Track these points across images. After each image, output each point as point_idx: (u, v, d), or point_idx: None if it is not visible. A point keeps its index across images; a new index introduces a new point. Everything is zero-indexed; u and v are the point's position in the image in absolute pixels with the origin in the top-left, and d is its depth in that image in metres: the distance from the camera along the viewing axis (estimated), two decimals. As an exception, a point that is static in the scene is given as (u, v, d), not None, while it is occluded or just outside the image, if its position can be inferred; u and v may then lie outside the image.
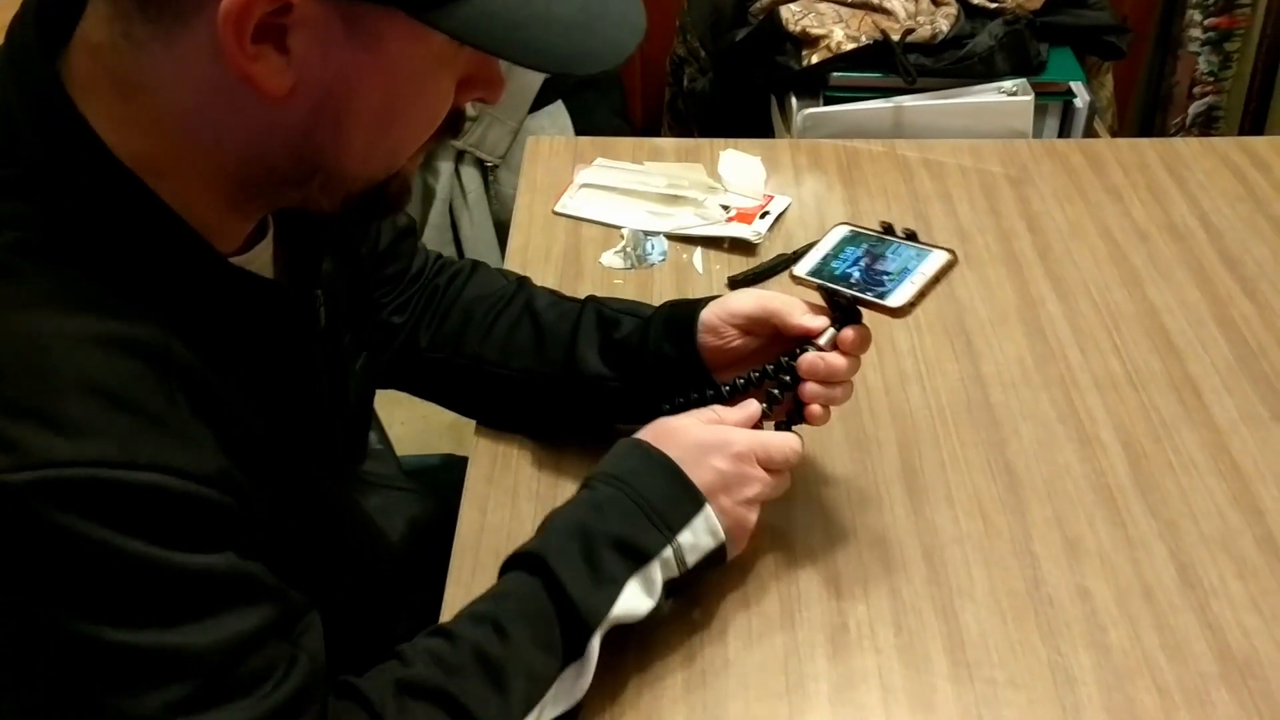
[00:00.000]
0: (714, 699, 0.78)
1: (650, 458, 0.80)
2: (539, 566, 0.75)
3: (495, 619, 0.73)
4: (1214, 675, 0.79)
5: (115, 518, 0.54)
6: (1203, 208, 1.26)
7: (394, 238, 0.96)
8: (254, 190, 0.64)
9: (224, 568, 0.59)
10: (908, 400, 1.01)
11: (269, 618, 0.62)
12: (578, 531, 0.76)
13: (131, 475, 0.55)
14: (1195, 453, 0.96)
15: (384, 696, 0.68)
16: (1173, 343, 1.08)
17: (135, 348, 0.58)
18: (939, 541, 0.89)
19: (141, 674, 0.57)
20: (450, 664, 0.70)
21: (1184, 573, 0.86)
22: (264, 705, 0.60)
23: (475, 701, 0.69)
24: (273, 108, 0.59)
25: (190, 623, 0.58)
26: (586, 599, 0.73)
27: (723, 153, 1.32)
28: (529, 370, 0.94)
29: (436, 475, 1.16)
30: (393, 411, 2.08)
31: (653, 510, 0.77)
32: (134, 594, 0.56)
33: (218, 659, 0.59)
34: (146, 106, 0.60)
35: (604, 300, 0.96)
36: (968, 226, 1.23)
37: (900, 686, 0.79)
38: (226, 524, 0.59)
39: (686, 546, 0.77)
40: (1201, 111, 2.35)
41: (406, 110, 0.64)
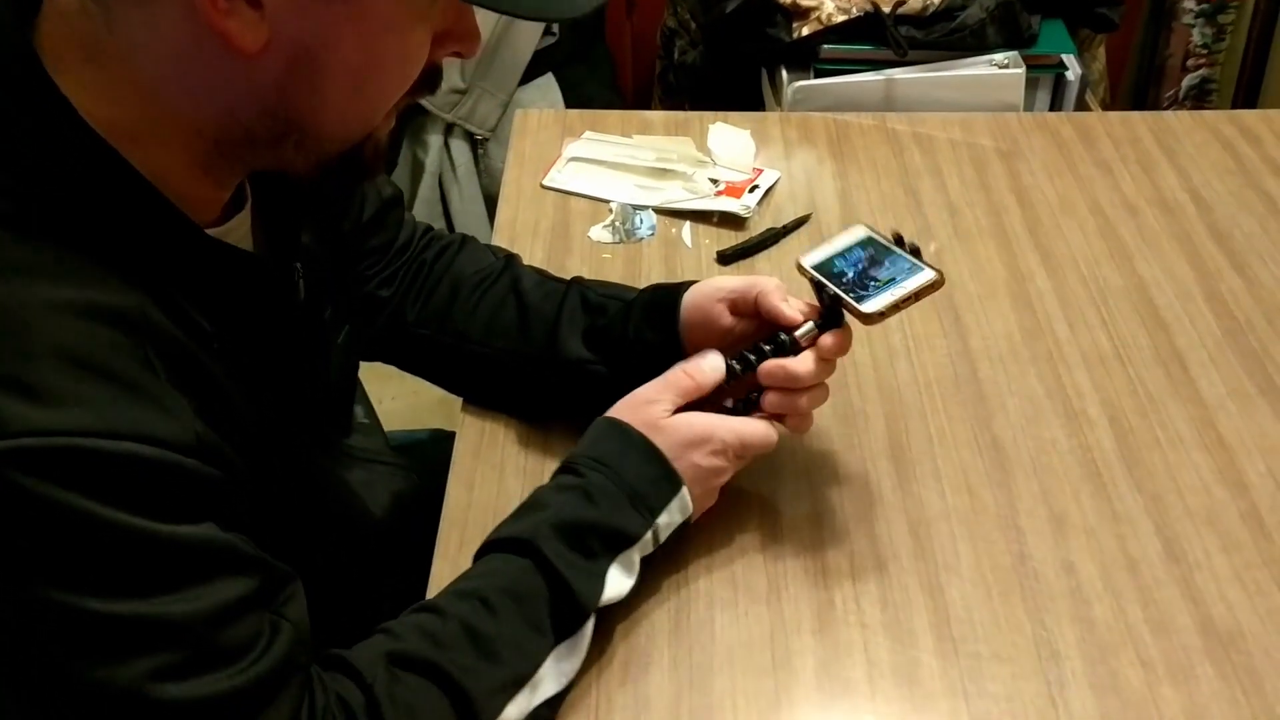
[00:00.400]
0: (700, 675, 0.78)
1: (630, 439, 0.80)
2: (527, 549, 0.75)
3: (483, 595, 0.73)
4: (1198, 649, 0.80)
5: (94, 487, 0.54)
6: (1193, 181, 1.26)
7: (379, 208, 0.95)
8: (229, 154, 0.64)
9: (205, 538, 0.59)
10: (895, 375, 1.01)
11: (251, 588, 0.62)
12: (565, 516, 0.76)
13: (110, 445, 0.55)
14: (1182, 427, 0.96)
15: (374, 668, 0.68)
16: (1160, 317, 1.08)
17: (112, 316, 0.58)
18: (925, 517, 0.89)
19: (121, 643, 0.57)
20: (439, 637, 0.71)
21: (1169, 547, 0.87)
22: (247, 675, 0.60)
23: (465, 673, 0.69)
24: (247, 65, 0.59)
25: (170, 593, 0.58)
26: (580, 583, 0.74)
27: (712, 126, 1.32)
28: (511, 351, 0.94)
29: (425, 451, 1.16)
30: (383, 386, 2.08)
31: (635, 495, 0.78)
32: (113, 563, 0.56)
33: (199, 629, 0.59)
34: (119, 72, 0.59)
35: (588, 283, 0.96)
36: (957, 200, 1.23)
37: (886, 661, 0.79)
38: (207, 494, 0.59)
39: (662, 526, 0.79)
40: (1195, 84, 2.34)
41: (382, 65, 0.63)
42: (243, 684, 0.60)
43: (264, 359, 0.70)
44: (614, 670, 0.78)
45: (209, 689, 0.59)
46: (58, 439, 0.54)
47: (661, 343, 0.87)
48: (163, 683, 0.57)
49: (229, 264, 0.67)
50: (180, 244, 0.63)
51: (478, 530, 0.87)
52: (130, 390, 0.57)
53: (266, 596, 0.64)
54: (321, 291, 0.79)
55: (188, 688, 0.58)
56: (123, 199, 0.60)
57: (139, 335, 0.58)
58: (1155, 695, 0.77)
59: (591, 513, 0.76)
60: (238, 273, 0.67)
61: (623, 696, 0.77)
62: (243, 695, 0.60)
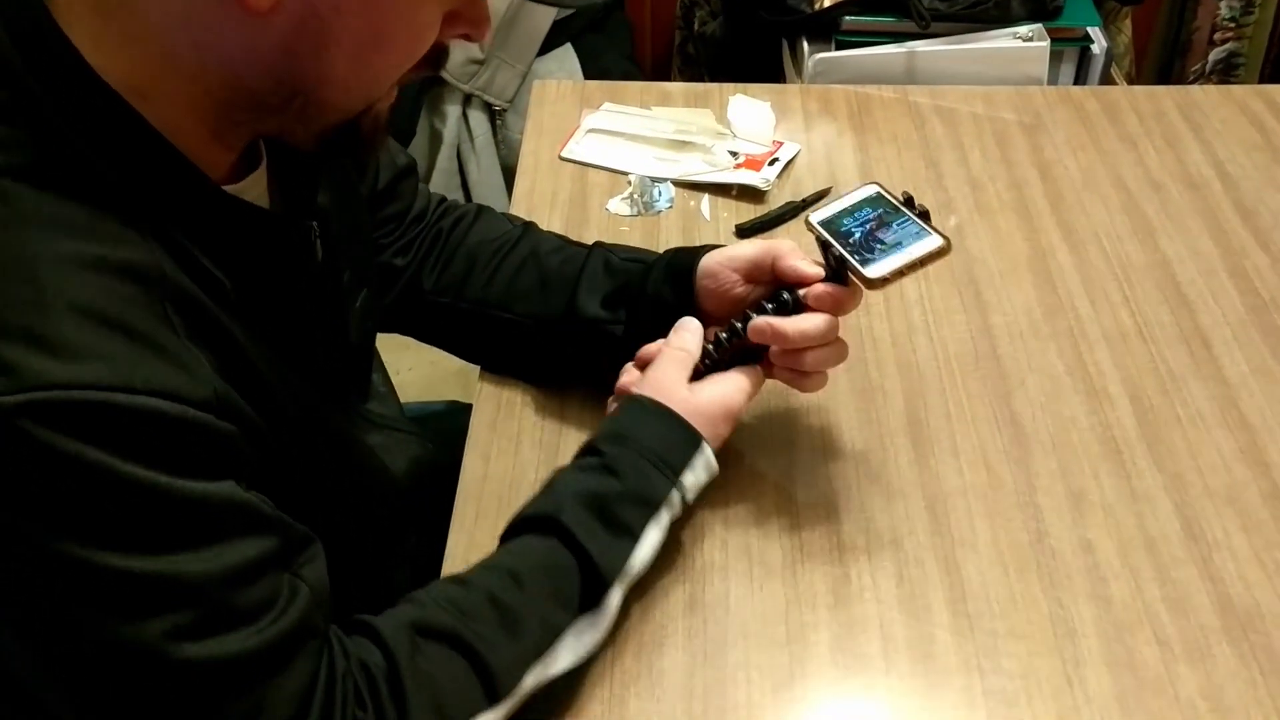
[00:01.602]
0: (714, 648, 0.78)
1: (645, 408, 0.80)
2: (553, 526, 0.75)
3: (511, 569, 0.73)
4: (1215, 628, 0.79)
5: (111, 441, 0.54)
6: (1219, 157, 1.24)
7: (393, 177, 0.95)
8: (235, 117, 0.64)
9: (224, 496, 0.59)
10: (914, 351, 1.00)
11: (269, 548, 0.62)
12: (590, 494, 0.76)
13: (127, 399, 0.54)
14: (1203, 406, 0.96)
15: (397, 634, 0.69)
16: (1184, 294, 1.07)
17: (128, 271, 0.57)
18: (943, 492, 0.88)
19: (139, 601, 0.57)
20: (463, 607, 0.71)
21: (1188, 526, 0.86)
22: (264, 635, 0.60)
23: (486, 645, 0.69)
24: (255, 25, 0.58)
25: (188, 550, 0.57)
26: (604, 554, 0.74)
27: (732, 98, 1.31)
28: (532, 315, 0.93)
29: (441, 422, 1.16)
30: (400, 357, 2.09)
31: (658, 458, 0.78)
32: (130, 519, 0.56)
33: (216, 588, 0.58)
34: (128, 25, 0.59)
35: (611, 247, 0.95)
36: (979, 175, 1.22)
37: (901, 637, 0.79)
38: (225, 451, 0.59)
39: (689, 486, 0.79)
40: (1222, 58, 2.31)
41: (390, 37, 0.63)
42: (259, 644, 0.60)
43: (283, 318, 0.70)
44: (628, 643, 0.79)
45: (226, 649, 0.59)
46: (75, 392, 0.53)
47: (676, 302, 0.87)
48: (179, 641, 0.57)
49: (245, 220, 0.66)
50: (196, 199, 0.63)
51: (494, 502, 0.88)
52: (148, 346, 0.56)
53: (285, 557, 0.64)
54: (339, 254, 0.79)
55: (204, 647, 0.58)
56: (138, 153, 0.60)
57: (157, 291, 0.58)
58: (1172, 674, 0.77)
59: (615, 484, 0.76)
60: (253, 229, 0.67)
61: (637, 669, 0.77)
62: (259, 656, 0.60)
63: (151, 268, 0.58)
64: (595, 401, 0.95)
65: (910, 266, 0.79)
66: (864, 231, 0.81)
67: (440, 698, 0.67)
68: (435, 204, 1.00)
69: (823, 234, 0.81)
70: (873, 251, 0.79)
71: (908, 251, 0.79)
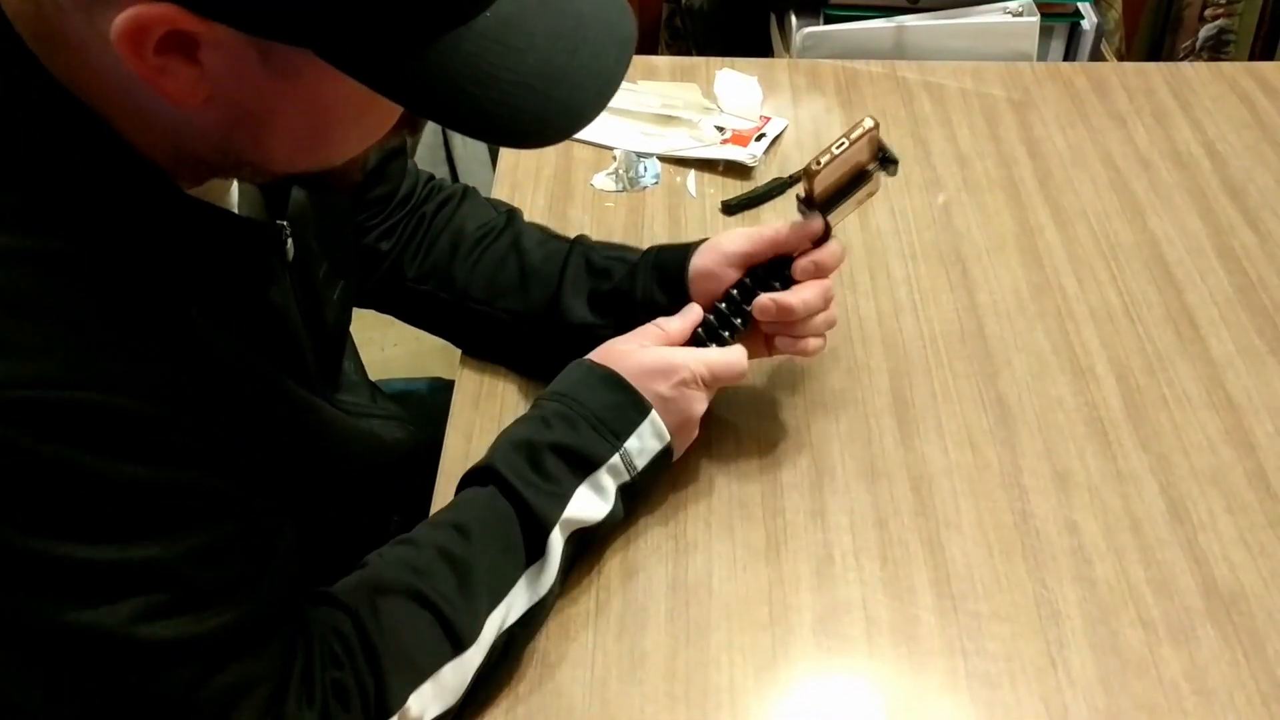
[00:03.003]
0: (697, 629, 0.78)
1: (593, 372, 0.81)
2: (490, 475, 0.76)
3: (456, 522, 0.75)
4: (1199, 610, 0.79)
5: (61, 435, 0.53)
6: (1208, 134, 1.23)
7: (382, 159, 0.93)
8: (189, 164, 0.61)
9: (184, 481, 0.58)
10: (901, 330, 1.00)
11: (236, 530, 0.61)
12: (524, 444, 0.77)
13: (74, 395, 0.53)
14: (1190, 386, 0.95)
15: (356, 597, 0.70)
16: (1171, 273, 1.06)
17: (74, 264, 0.56)
18: (928, 473, 0.88)
19: (103, 587, 0.56)
20: (416, 565, 0.72)
21: (1173, 507, 0.86)
22: (235, 614, 0.60)
23: (442, 597, 0.71)
24: (190, 111, 0.55)
25: (151, 536, 0.57)
26: (538, 500, 0.75)
27: (719, 72, 1.29)
28: (513, 311, 0.93)
29: (423, 400, 1.15)
30: (385, 333, 2.08)
31: (598, 421, 0.78)
32: (89, 508, 0.55)
33: (183, 570, 0.58)
34: (77, 64, 0.55)
35: (591, 245, 0.94)
36: (967, 151, 1.21)
37: (884, 618, 0.79)
38: (180, 438, 0.58)
39: (634, 451, 0.79)
40: (1212, 35, 2.29)
41: (336, 135, 0.59)
42: (233, 621, 0.60)
43: (251, 311, 0.69)
44: (610, 624, 0.78)
45: (196, 628, 0.58)
46: (19, 391, 0.52)
47: (671, 304, 0.87)
48: (148, 623, 0.57)
49: (203, 221, 0.64)
50: (153, 197, 0.60)
51: (475, 481, 0.87)
52: (92, 338, 0.55)
53: (253, 538, 0.63)
54: (315, 249, 0.77)
55: (174, 627, 0.58)
56: (89, 148, 0.58)
57: (103, 283, 0.56)
58: (1155, 656, 0.77)
59: (546, 435, 0.77)
60: (212, 230, 0.65)
61: (618, 649, 0.77)
62: (231, 634, 0.60)
63: (98, 260, 0.57)
64: (578, 380, 0.94)
65: (840, 148, 0.78)
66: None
67: (408, 649, 0.69)
68: (422, 184, 0.98)
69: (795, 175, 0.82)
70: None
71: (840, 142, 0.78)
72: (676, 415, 0.81)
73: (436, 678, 0.69)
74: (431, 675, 0.69)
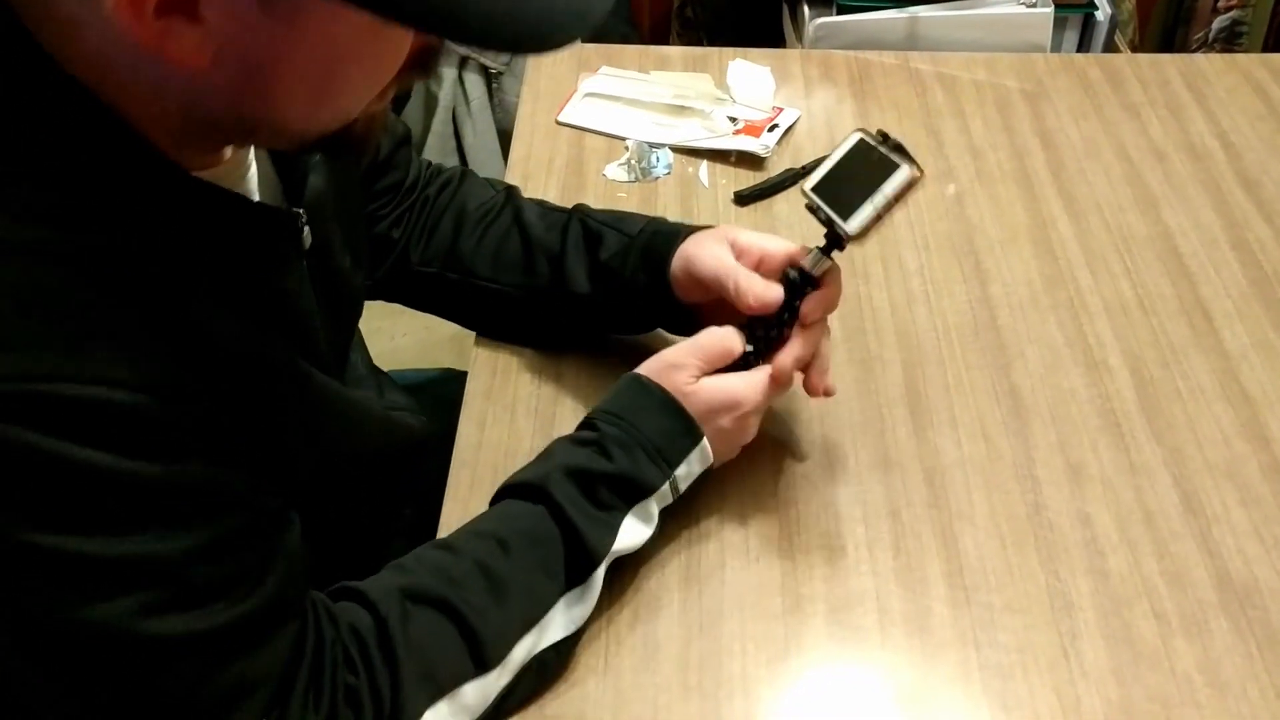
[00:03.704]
0: (710, 619, 0.78)
1: (650, 393, 0.79)
2: (541, 495, 0.74)
3: (499, 536, 0.73)
4: (1212, 603, 0.79)
5: (63, 430, 0.53)
6: (1222, 126, 1.23)
7: (392, 147, 0.93)
8: (201, 134, 0.60)
9: (187, 476, 0.58)
10: (914, 321, 1.00)
11: (241, 523, 0.61)
12: (578, 467, 0.75)
13: (74, 389, 0.53)
14: (1204, 379, 0.95)
15: (387, 599, 0.68)
16: (1185, 266, 1.06)
17: (79, 256, 0.55)
18: (940, 464, 0.88)
19: (106, 582, 0.55)
20: (452, 575, 0.70)
21: (1187, 500, 0.86)
22: (241, 608, 0.60)
23: (475, 612, 0.69)
24: (196, 73, 0.54)
25: (153, 530, 0.56)
26: (591, 530, 0.73)
27: (731, 63, 1.29)
28: (519, 285, 0.93)
29: (435, 390, 1.15)
30: (395, 323, 2.08)
31: (653, 448, 0.77)
32: (90, 502, 0.54)
33: (186, 565, 0.57)
34: (80, 42, 0.55)
35: (589, 212, 0.94)
36: (980, 143, 1.20)
37: (897, 609, 0.79)
38: (183, 433, 0.57)
39: (681, 477, 0.78)
40: (1225, 26, 2.28)
41: (346, 77, 0.58)
42: (237, 618, 0.59)
43: (262, 299, 0.68)
44: (624, 613, 0.78)
45: (200, 624, 0.58)
46: (19, 385, 0.51)
47: (652, 286, 0.86)
48: (151, 618, 0.56)
49: (212, 205, 0.63)
50: (159, 182, 0.59)
51: (488, 470, 0.87)
52: (94, 333, 0.54)
53: (259, 531, 0.63)
54: (332, 239, 0.76)
55: (176, 623, 0.57)
56: (96, 136, 0.57)
57: (108, 275, 0.56)
58: (1169, 648, 0.77)
59: (605, 465, 0.75)
60: (223, 214, 0.64)
61: (632, 639, 0.77)
62: (236, 629, 0.60)
63: (104, 252, 0.56)
64: (591, 370, 0.94)
65: (886, 206, 0.75)
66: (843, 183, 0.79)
67: (430, 662, 0.67)
68: (424, 170, 0.98)
69: (813, 199, 0.79)
70: (853, 202, 0.77)
71: (880, 192, 0.76)
72: (731, 444, 0.81)
73: (456, 695, 0.68)
74: (451, 692, 0.68)
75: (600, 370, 0.93)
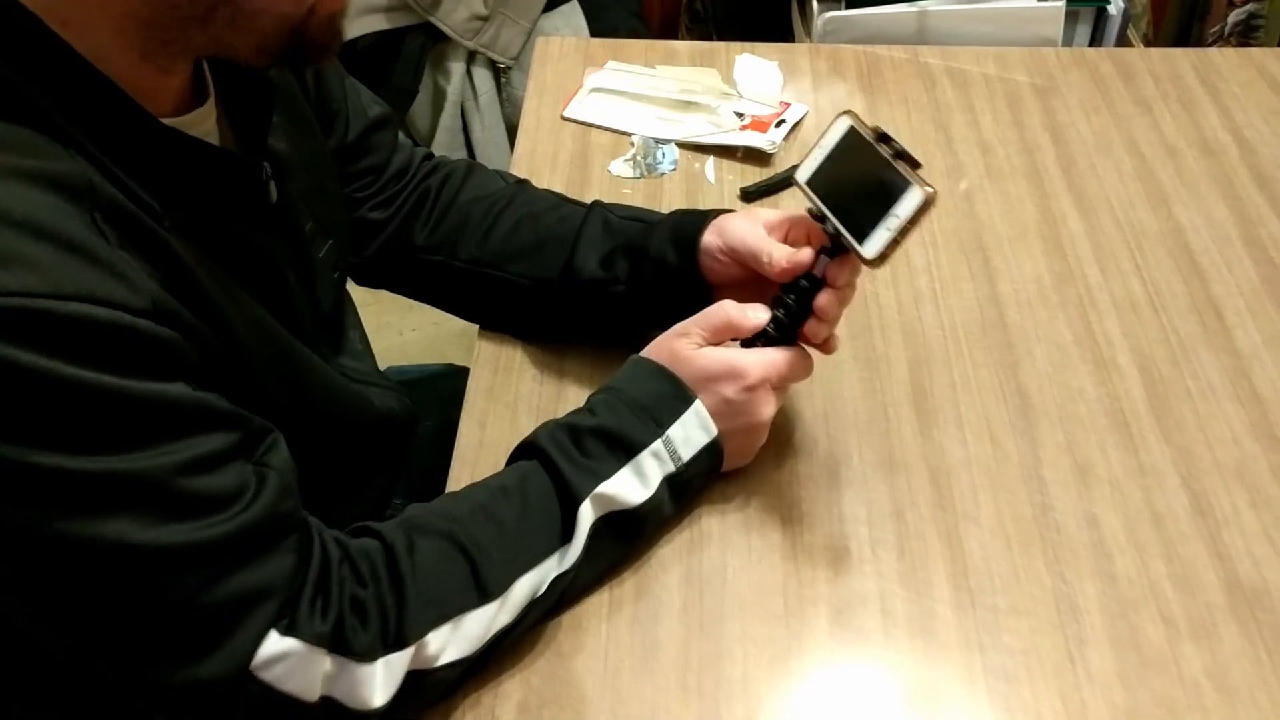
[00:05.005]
0: (710, 620, 0.77)
1: (640, 365, 0.81)
2: (533, 451, 0.77)
3: (500, 485, 0.76)
4: (1222, 606, 0.78)
5: (47, 344, 0.53)
6: (1236, 122, 1.21)
7: (364, 129, 0.93)
8: (163, 35, 0.61)
9: (173, 395, 0.58)
10: (920, 319, 0.98)
11: (229, 441, 0.62)
12: (566, 426, 0.78)
13: (58, 305, 0.53)
14: (1214, 378, 0.94)
15: (394, 531, 0.71)
16: (1196, 263, 1.04)
17: (57, 183, 0.56)
18: (946, 465, 0.87)
19: (100, 498, 0.56)
20: (454, 514, 0.73)
21: (1196, 501, 0.84)
22: (239, 520, 0.60)
23: (477, 545, 0.71)
24: None
25: (143, 447, 0.57)
26: (573, 474, 0.75)
27: (738, 57, 1.28)
28: (529, 275, 0.92)
29: (435, 385, 1.14)
30: (403, 318, 2.08)
31: (639, 407, 0.78)
32: (79, 419, 0.55)
33: (178, 480, 0.58)
34: None
35: (610, 206, 0.94)
36: (990, 138, 1.19)
37: (901, 611, 0.78)
38: (166, 355, 0.58)
39: (678, 440, 0.78)
40: (1241, 20, 2.26)
41: None
42: (237, 528, 0.60)
43: (238, 253, 0.69)
44: (623, 614, 0.77)
45: (195, 536, 0.58)
46: (5, 300, 0.52)
47: (680, 267, 0.86)
48: (150, 530, 0.57)
49: (182, 152, 0.64)
50: (128, 128, 0.61)
51: (489, 468, 0.86)
52: (78, 253, 0.55)
53: (246, 448, 0.64)
54: (299, 200, 0.77)
55: (172, 533, 0.58)
56: (65, 80, 0.58)
57: (88, 203, 0.57)
58: (1176, 653, 0.75)
59: (589, 420, 0.77)
60: (192, 162, 0.65)
61: (631, 641, 0.76)
62: (239, 538, 0.60)
63: (81, 180, 0.57)
64: (594, 368, 0.93)
65: (903, 233, 0.73)
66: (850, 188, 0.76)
67: (435, 586, 0.69)
68: (419, 160, 0.98)
69: (819, 206, 0.78)
70: (862, 218, 0.74)
71: (895, 215, 0.73)
72: (743, 419, 0.80)
73: (459, 621, 0.69)
74: (454, 618, 0.69)
75: (603, 369, 0.92)
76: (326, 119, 0.88)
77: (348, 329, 0.89)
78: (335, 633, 0.65)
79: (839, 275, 0.78)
